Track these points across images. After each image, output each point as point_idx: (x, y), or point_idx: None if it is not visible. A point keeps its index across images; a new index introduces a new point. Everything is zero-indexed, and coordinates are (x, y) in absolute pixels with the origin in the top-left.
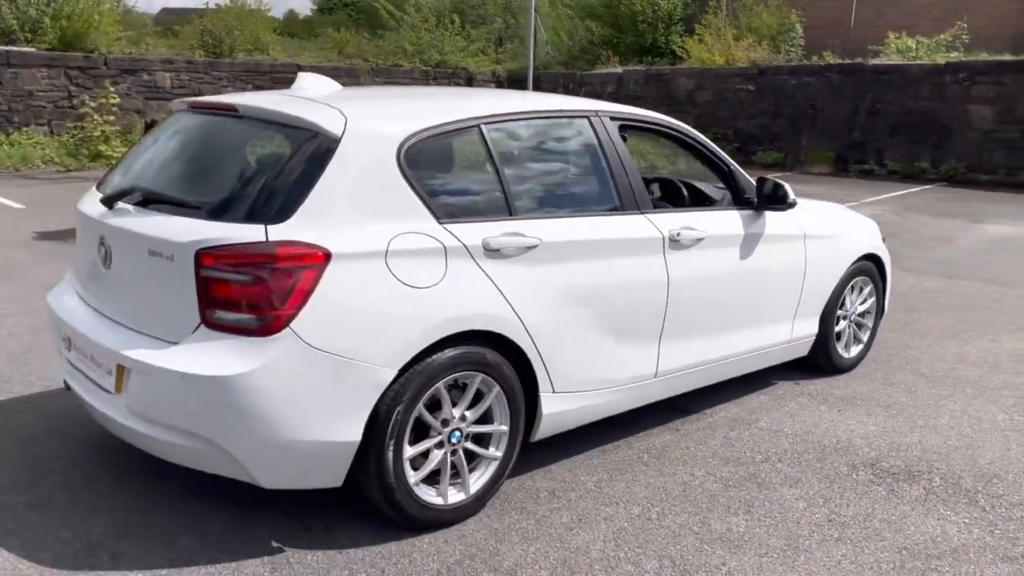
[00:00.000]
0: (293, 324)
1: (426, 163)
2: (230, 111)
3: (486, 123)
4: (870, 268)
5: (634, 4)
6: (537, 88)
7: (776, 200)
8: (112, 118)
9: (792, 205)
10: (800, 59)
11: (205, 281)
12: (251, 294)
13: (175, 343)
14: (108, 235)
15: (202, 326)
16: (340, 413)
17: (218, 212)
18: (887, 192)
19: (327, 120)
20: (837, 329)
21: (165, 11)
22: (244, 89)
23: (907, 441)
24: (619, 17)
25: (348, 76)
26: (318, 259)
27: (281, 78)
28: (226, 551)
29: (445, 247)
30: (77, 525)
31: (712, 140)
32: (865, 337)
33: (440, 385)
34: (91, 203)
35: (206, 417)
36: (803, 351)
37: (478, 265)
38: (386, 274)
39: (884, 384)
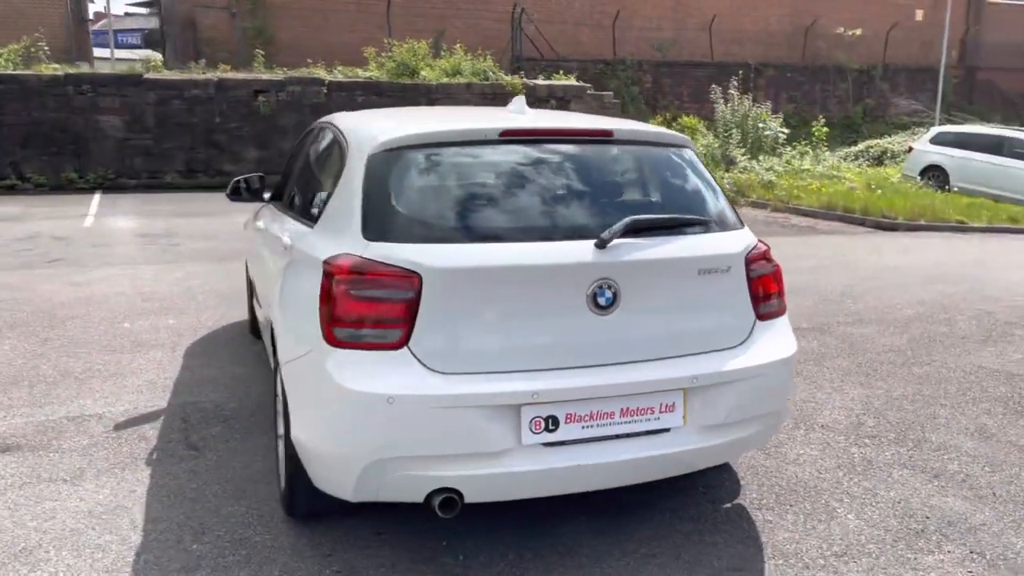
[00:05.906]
0: None
1: None
2: (603, 136)
3: None
4: None
5: None
6: None
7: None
8: None
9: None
10: None
11: (750, 280)
12: (774, 285)
13: (742, 342)
14: (618, 274)
15: (757, 320)
16: None
17: (720, 224)
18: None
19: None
20: None
21: None
22: None
23: None
24: None
25: None
26: None
27: None
28: (687, 561)
29: None
30: None
31: None
32: None
33: None
34: (552, 252)
35: (780, 393)
36: None
37: None
38: None
39: None
